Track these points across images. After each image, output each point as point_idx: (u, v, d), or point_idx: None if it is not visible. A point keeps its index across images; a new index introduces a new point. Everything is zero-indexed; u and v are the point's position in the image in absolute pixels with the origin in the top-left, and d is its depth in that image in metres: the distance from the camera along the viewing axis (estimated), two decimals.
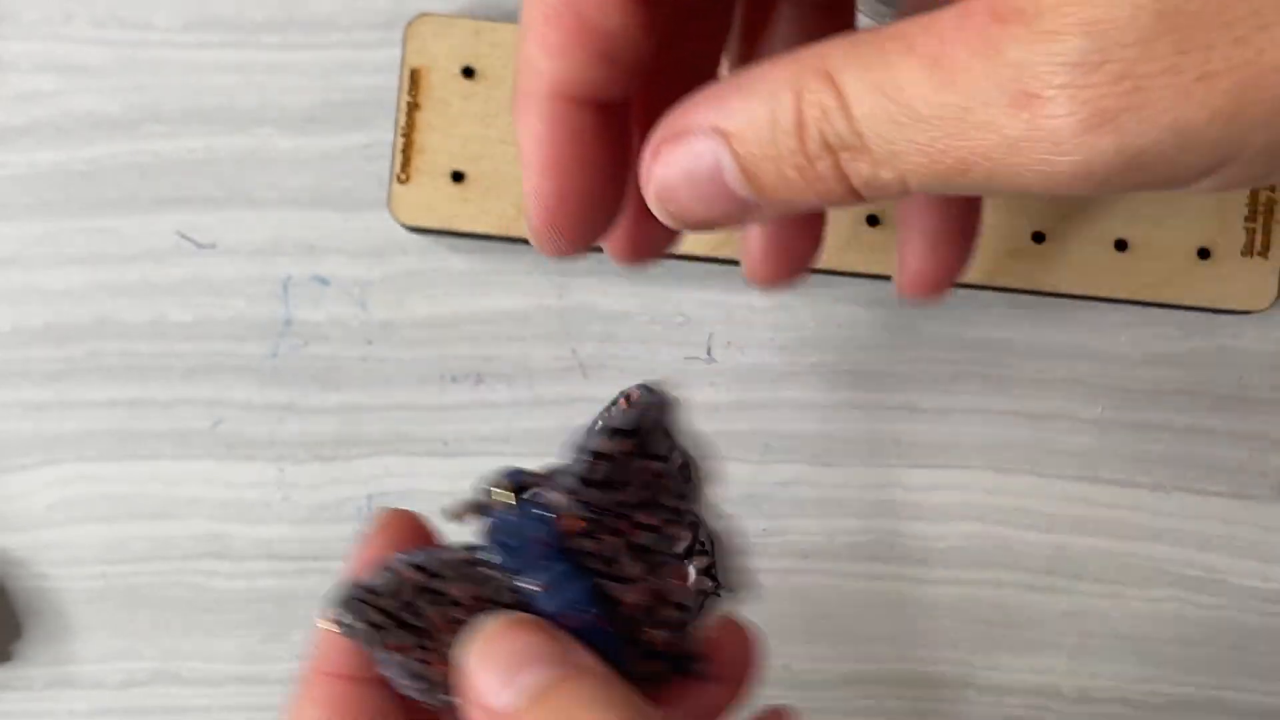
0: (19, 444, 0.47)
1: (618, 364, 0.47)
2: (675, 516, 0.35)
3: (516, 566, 0.33)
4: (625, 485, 0.34)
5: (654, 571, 0.34)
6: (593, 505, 0.34)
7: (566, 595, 0.33)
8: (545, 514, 0.33)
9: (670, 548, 0.35)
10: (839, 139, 0.26)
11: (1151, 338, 0.47)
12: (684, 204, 0.28)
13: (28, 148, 0.47)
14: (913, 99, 0.25)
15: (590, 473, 0.34)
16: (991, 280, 0.45)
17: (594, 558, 0.34)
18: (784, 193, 0.27)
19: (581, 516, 0.34)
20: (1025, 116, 0.24)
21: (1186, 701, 0.48)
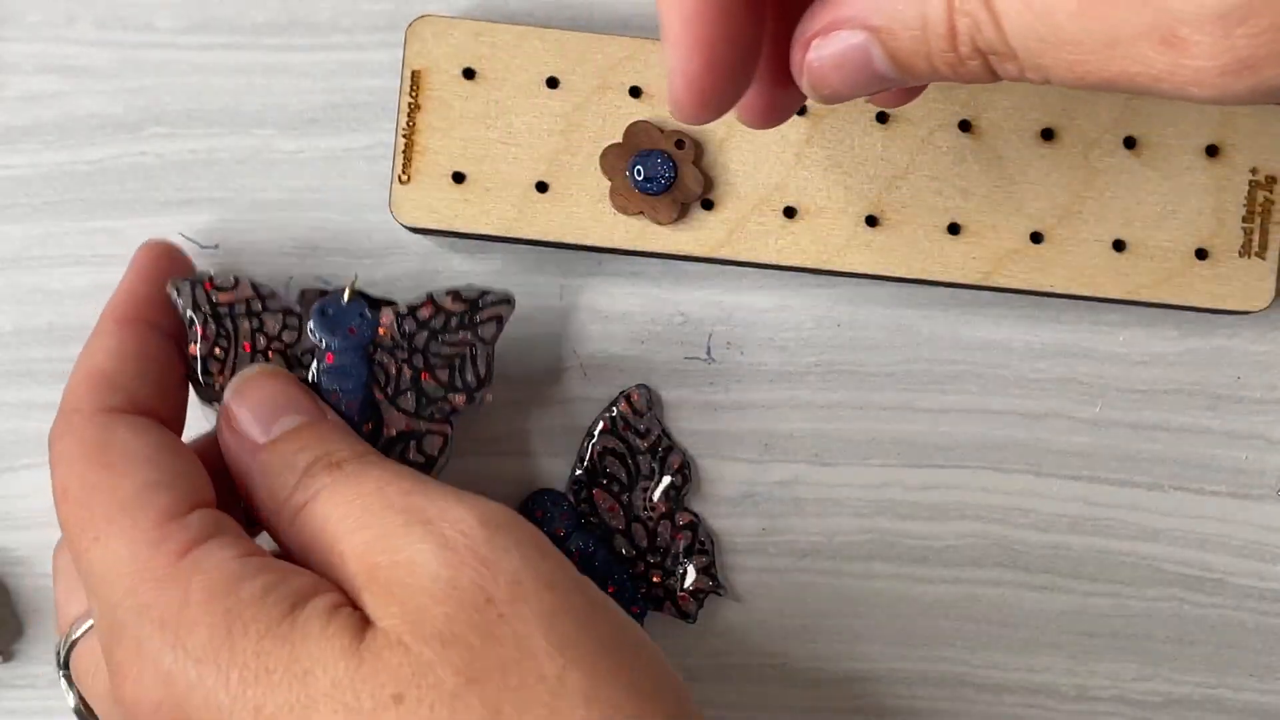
0: (21, 443, 0.47)
1: (618, 364, 0.47)
2: (461, 388, 0.44)
3: (322, 335, 0.43)
4: (440, 337, 0.44)
5: (418, 415, 0.43)
6: (407, 334, 0.43)
7: (344, 378, 0.43)
8: (368, 315, 0.43)
9: (443, 412, 0.44)
10: (989, 46, 0.29)
11: (1149, 338, 0.47)
12: (835, 86, 0.33)
13: (30, 149, 0.47)
14: (1063, 23, 0.28)
15: (419, 311, 0.44)
16: (990, 280, 0.45)
17: (383, 371, 0.43)
18: (931, 76, 0.31)
19: (393, 335, 0.43)
20: (1171, 55, 0.27)
21: (1184, 700, 0.48)
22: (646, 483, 0.46)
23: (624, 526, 0.47)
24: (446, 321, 0.44)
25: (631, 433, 0.46)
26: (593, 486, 0.46)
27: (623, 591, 0.46)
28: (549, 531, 0.46)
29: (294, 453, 0.39)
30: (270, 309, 0.43)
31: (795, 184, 0.45)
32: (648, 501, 0.46)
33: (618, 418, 0.47)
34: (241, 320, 0.43)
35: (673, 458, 0.47)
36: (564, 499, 0.47)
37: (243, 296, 0.43)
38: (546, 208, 0.45)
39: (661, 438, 0.47)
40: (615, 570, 0.46)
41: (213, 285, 0.43)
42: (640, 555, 0.47)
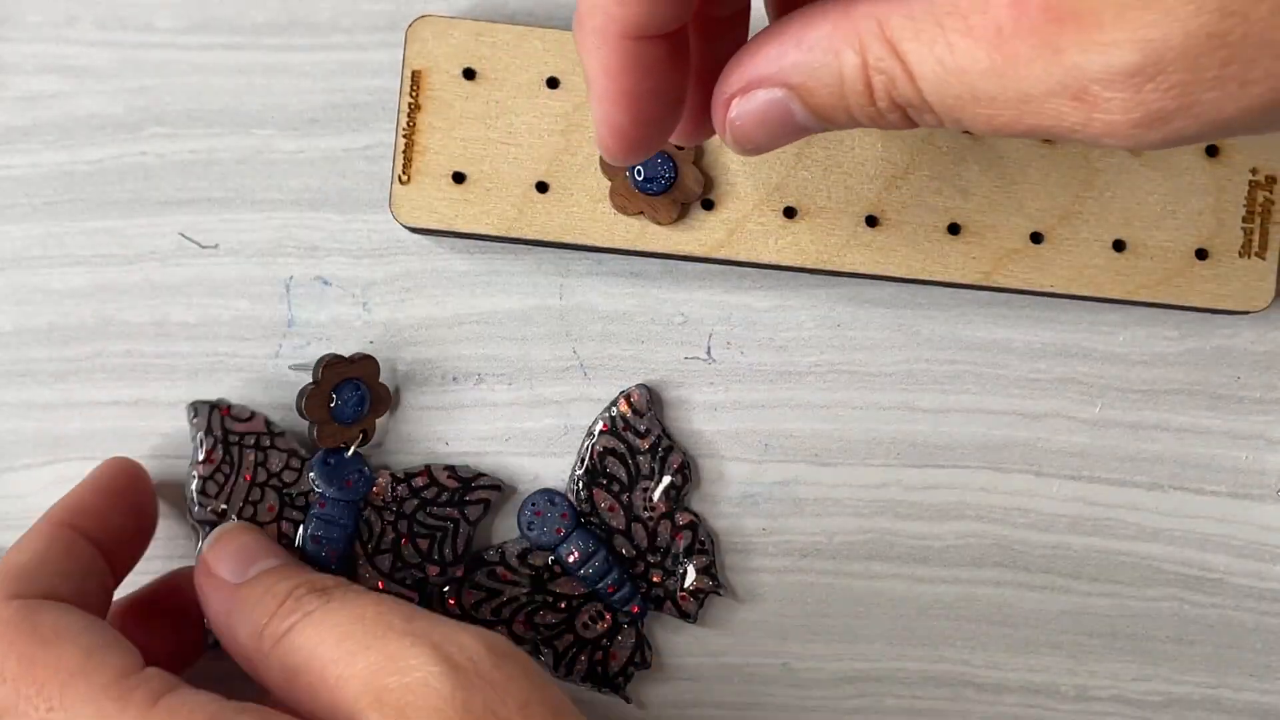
0: (22, 444, 0.47)
1: (618, 364, 0.47)
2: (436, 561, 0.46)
3: (321, 483, 0.45)
4: (428, 508, 0.46)
5: (391, 577, 0.46)
6: (398, 499, 0.46)
7: (332, 528, 0.45)
8: (367, 471, 0.46)
9: (414, 578, 0.46)
10: (906, 100, 0.30)
11: (1149, 338, 0.47)
12: (758, 141, 0.33)
13: (31, 149, 0.47)
14: (975, 81, 0.29)
15: (414, 479, 0.46)
16: (989, 280, 0.45)
17: (368, 529, 0.46)
18: (854, 125, 0.32)
19: (385, 497, 0.46)
20: (1084, 110, 0.28)
21: (1184, 700, 0.48)
22: (646, 483, 0.47)
23: (624, 526, 0.47)
24: (438, 494, 0.46)
25: (631, 433, 0.46)
26: (593, 486, 0.46)
27: (622, 591, 0.46)
28: (548, 531, 0.46)
29: (273, 583, 0.40)
30: (277, 447, 0.45)
31: (795, 184, 0.45)
32: (648, 501, 0.46)
33: (617, 418, 0.47)
34: (248, 452, 0.45)
35: (673, 458, 0.47)
36: (564, 499, 0.47)
37: (254, 430, 0.45)
38: (546, 208, 0.45)
39: (661, 438, 0.47)
40: (615, 570, 0.46)
41: (229, 413, 0.45)
42: (640, 555, 0.47)
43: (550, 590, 0.47)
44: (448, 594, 0.46)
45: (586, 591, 0.47)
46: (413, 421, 0.47)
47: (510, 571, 0.46)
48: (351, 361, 0.45)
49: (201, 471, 0.45)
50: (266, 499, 0.45)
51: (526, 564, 0.47)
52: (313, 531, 0.45)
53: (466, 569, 0.46)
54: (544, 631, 0.47)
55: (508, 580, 0.46)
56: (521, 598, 0.46)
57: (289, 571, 0.41)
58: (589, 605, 0.47)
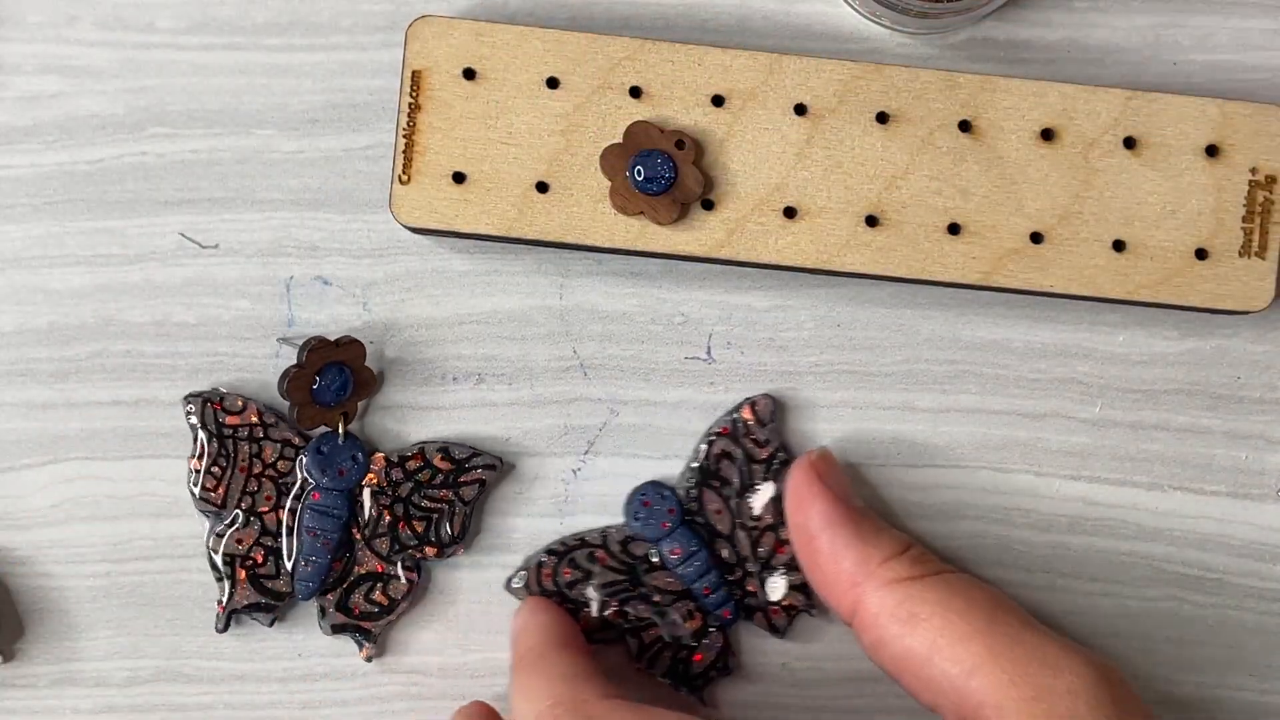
0: (23, 443, 0.47)
1: (618, 364, 0.47)
2: (434, 542, 0.47)
3: (314, 472, 0.46)
4: (423, 491, 0.47)
5: (390, 559, 0.46)
6: (393, 483, 0.46)
7: (326, 518, 0.46)
8: (360, 459, 0.46)
9: (413, 560, 0.47)
10: None
11: (1149, 338, 0.47)
12: None
13: (31, 149, 0.47)
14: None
15: (408, 462, 0.47)
16: (990, 280, 0.45)
17: (364, 512, 0.46)
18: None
19: (380, 481, 0.46)
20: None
21: (1184, 700, 0.48)
22: (757, 491, 0.47)
23: (728, 531, 0.46)
24: (432, 477, 0.46)
25: (751, 441, 0.46)
26: (704, 487, 0.46)
27: (717, 595, 0.46)
28: (654, 524, 0.46)
29: (887, 526, 0.44)
30: (271, 438, 0.46)
31: (795, 184, 0.45)
32: (752, 510, 0.46)
33: (739, 423, 0.46)
34: (243, 444, 0.46)
35: (787, 471, 0.46)
36: (673, 494, 0.47)
37: (248, 421, 0.46)
38: (546, 208, 0.45)
39: (779, 450, 0.47)
40: (713, 572, 0.46)
41: (221, 406, 0.46)
42: (740, 563, 0.47)
43: (645, 582, 0.47)
44: (543, 566, 0.46)
45: (681, 589, 0.47)
46: (413, 421, 0.47)
47: (610, 556, 0.47)
48: (337, 345, 0.45)
49: (197, 466, 0.46)
50: (264, 489, 0.46)
51: (627, 552, 0.47)
52: (308, 524, 0.46)
53: (567, 546, 0.47)
54: (633, 622, 0.47)
55: (605, 565, 0.47)
56: (617, 584, 0.47)
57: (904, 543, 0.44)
58: (681, 603, 0.47)
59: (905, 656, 0.41)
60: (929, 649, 0.41)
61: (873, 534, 0.43)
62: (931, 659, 0.41)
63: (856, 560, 0.42)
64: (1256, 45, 0.47)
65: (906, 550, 0.43)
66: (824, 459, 0.45)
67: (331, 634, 0.47)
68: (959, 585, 0.42)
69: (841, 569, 0.43)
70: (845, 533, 0.43)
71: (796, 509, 0.44)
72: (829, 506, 0.43)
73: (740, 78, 0.45)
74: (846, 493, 0.44)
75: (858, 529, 0.43)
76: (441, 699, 0.48)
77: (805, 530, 0.44)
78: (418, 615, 0.48)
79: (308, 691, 0.48)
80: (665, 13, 0.47)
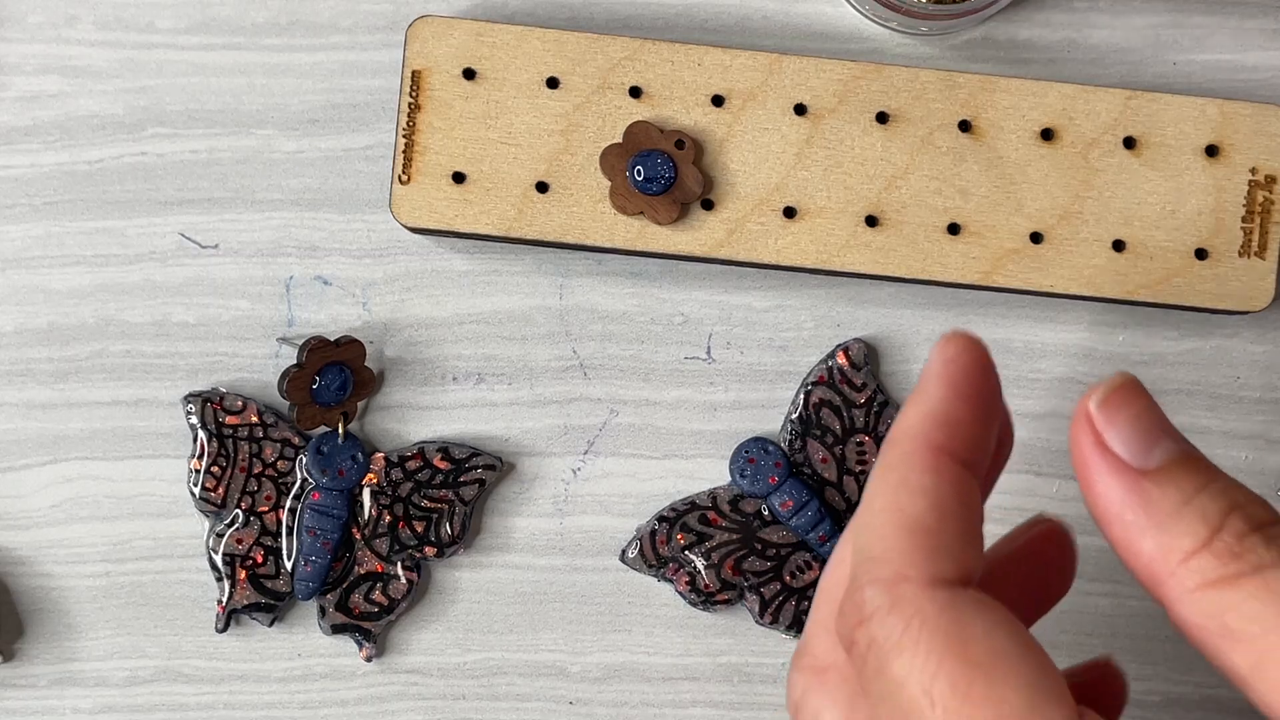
0: (23, 443, 0.47)
1: (618, 364, 0.47)
2: (434, 543, 0.47)
3: (314, 472, 0.46)
4: (423, 491, 0.46)
5: (390, 559, 0.46)
6: (393, 483, 0.46)
7: (325, 519, 0.46)
8: (360, 459, 0.46)
9: (413, 560, 0.47)
10: None
11: (1148, 338, 0.47)
12: None
13: (32, 149, 0.47)
14: None
15: (408, 462, 0.47)
16: (989, 280, 0.45)
17: (364, 512, 0.46)
18: None
19: (380, 482, 0.46)
20: None
21: (1184, 700, 0.48)
22: (861, 436, 0.47)
23: (836, 479, 0.47)
24: (432, 477, 0.46)
25: (849, 386, 0.47)
26: (806, 437, 0.47)
27: (833, 542, 0.46)
28: (762, 480, 0.46)
29: (1198, 496, 0.31)
30: (271, 438, 0.46)
31: (795, 184, 0.45)
32: (860, 455, 0.47)
33: (835, 369, 0.47)
34: (242, 444, 0.46)
35: (887, 413, 0.47)
36: (777, 448, 0.47)
37: (247, 421, 0.46)
38: (546, 208, 0.45)
39: (877, 393, 0.47)
40: (826, 520, 0.46)
41: (221, 406, 0.46)
42: (851, 508, 0.47)
43: (760, 538, 0.47)
44: (656, 534, 0.47)
45: (796, 541, 0.47)
46: (412, 421, 0.47)
47: (721, 517, 0.47)
48: (337, 345, 0.45)
49: (197, 466, 0.46)
50: (264, 489, 0.46)
51: (738, 510, 0.47)
52: (308, 524, 0.46)
53: (677, 512, 0.47)
54: (752, 578, 0.47)
55: (718, 525, 0.47)
56: (732, 543, 0.47)
57: (1210, 478, 0.31)
58: (798, 554, 0.47)
59: (1226, 673, 0.31)
60: (1250, 672, 0.30)
61: (1172, 514, 0.31)
62: (1251, 684, 0.30)
63: (1154, 556, 0.31)
64: (1256, 45, 0.47)
65: (1216, 535, 0.31)
66: (1106, 404, 0.32)
67: (331, 634, 0.47)
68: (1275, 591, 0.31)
69: (1140, 565, 0.32)
70: (1136, 517, 0.31)
71: (1081, 486, 0.33)
72: (1110, 483, 0.32)
73: (740, 77, 0.45)
74: (1145, 442, 0.32)
75: (1149, 509, 0.31)
76: (441, 699, 0.48)
77: (1093, 513, 0.33)
78: (417, 615, 0.48)
79: (307, 691, 0.48)
80: (665, 13, 0.47)
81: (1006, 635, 0.30)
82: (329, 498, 0.46)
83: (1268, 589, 0.30)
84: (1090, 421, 0.32)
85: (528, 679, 0.48)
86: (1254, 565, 0.31)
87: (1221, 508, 0.31)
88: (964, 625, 0.30)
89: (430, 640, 0.48)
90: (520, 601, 0.48)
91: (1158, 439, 0.32)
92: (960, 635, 0.30)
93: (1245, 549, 0.31)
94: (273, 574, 0.46)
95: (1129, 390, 0.32)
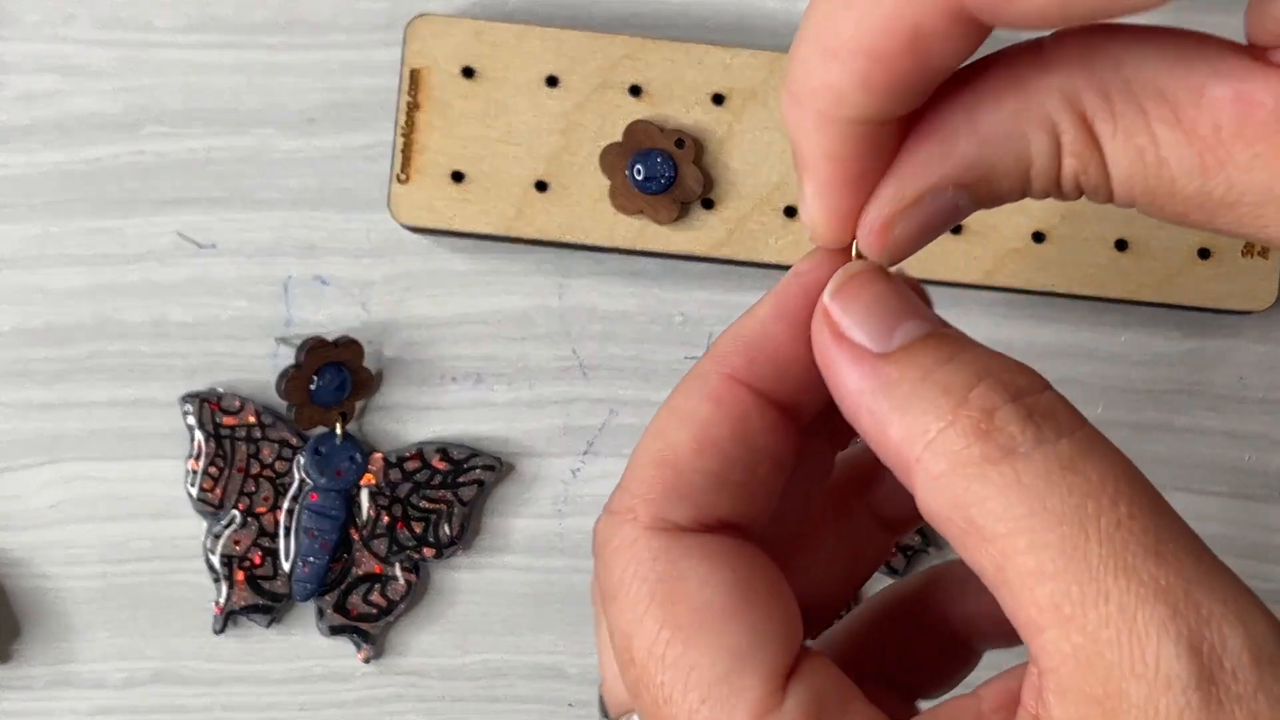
0: (20, 444, 0.47)
1: (618, 364, 0.47)
2: (433, 544, 0.47)
3: (312, 473, 0.46)
4: (421, 491, 0.46)
5: (388, 560, 0.47)
6: (391, 483, 0.46)
7: (323, 520, 0.46)
8: (358, 459, 0.46)
9: (411, 561, 0.47)
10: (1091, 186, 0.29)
11: (1151, 338, 0.47)
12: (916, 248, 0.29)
13: (29, 148, 0.47)
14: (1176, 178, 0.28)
15: (406, 463, 0.47)
16: (991, 280, 0.45)
17: (362, 513, 0.46)
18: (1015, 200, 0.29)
19: (378, 483, 0.46)
20: None
21: None
22: None
23: None
24: (430, 477, 0.46)
25: None
26: None
27: None
28: None
29: (942, 369, 0.27)
30: (269, 438, 0.46)
31: (795, 183, 0.45)
32: None
33: None
34: (240, 444, 0.46)
35: None
36: None
37: (245, 421, 0.46)
38: (546, 207, 0.45)
39: None
40: None
41: (219, 406, 0.46)
42: None
43: None
44: None
45: None
46: (411, 421, 0.47)
47: None
48: (336, 345, 0.45)
49: (195, 466, 0.46)
50: (262, 490, 0.46)
51: None
52: (306, 525, 0.46)
53: None
54: None
55: None
56: None
57: (957, 349, 0.28)
58: None
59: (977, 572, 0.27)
60: (995, 574, 0.26)
61: (911, 392, 0.27)
62: (996, 588, 0.27)
63: (900, 442, 0.27)
64: None
65: (962, 409, 0.27)
66: (840, 292, 0.29)
67: (329, 635, 0.47)
68: (1045, 472, 0.27)
69: (889, 457, 0.28)
70: (877, 404, 0.28)
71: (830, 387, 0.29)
72: (851, 372, 0.28)
73: (741, 76, 0.45)
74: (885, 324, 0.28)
75: (890, 393, 0.27)
76: (440, 701, 0.47)
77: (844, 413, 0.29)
78: (416, 616, 0.47)
79: (305, 693, 0.47)
80: (665, 11, 0.47)
81: (722, 591, 0.28)
82: (327, 498, 0.46)
83: (1017, 480, 0.26)
84: (827, 314, 0.28)
85: (527, 681, 0.48)
86: (1003, 448, 0.27)
87: (967, 378, 0.27)
88: (676, 578, 0.28)
89: (429, 642, 0.48)
90: (520, 603, 0.48)
91: (900, 320, 0.28)
92: (668, 589, 0.28)
93: (995, 425, 0.27)
94: (270, 575, 0.46)
95: (866, 275, 0.29)
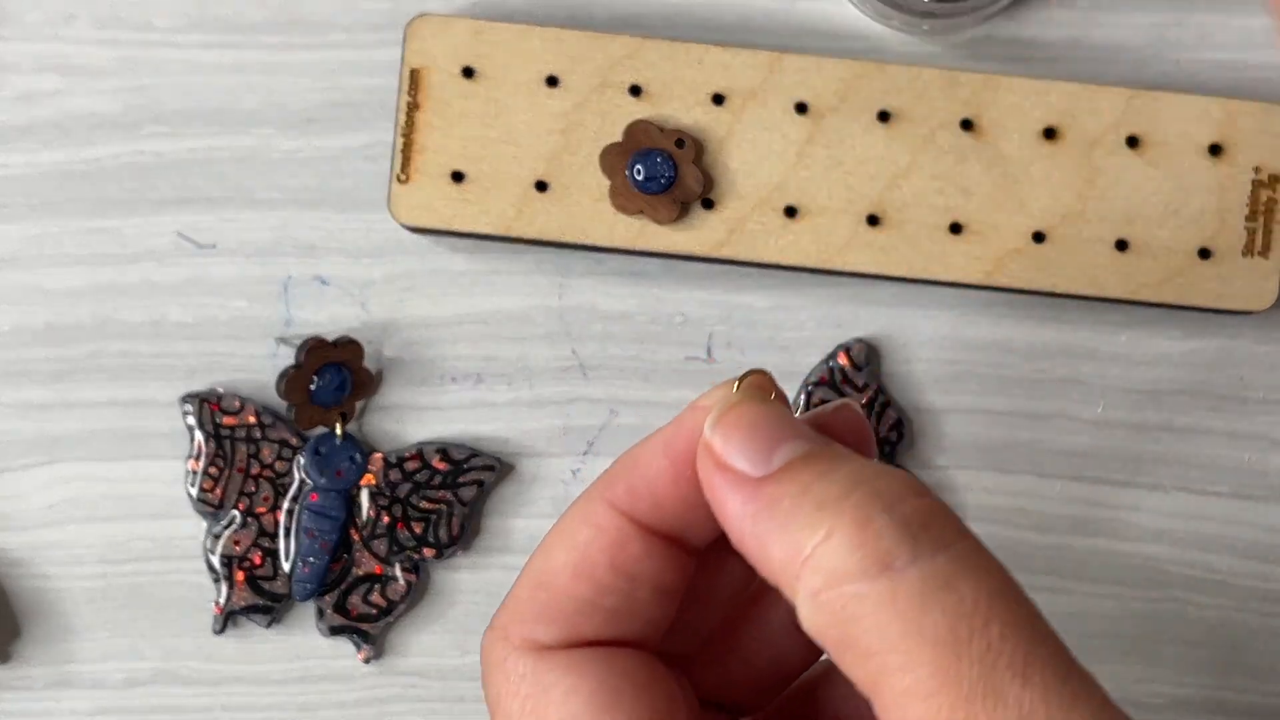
0: (19, 444, 0.47)
1: (618, 364, 0.47)
2: (433, 544, 0.47)
3: (311, 473, 0.46)
4: (421, 491, 0.46)
5: (389, 560, 0.46)
6: (391, 484, 0.46)
7: (323, 520, 0.46)
8: (358, 460, 0.46)
9: (411, 561, 0.47)
10: None
11: (1152, 338, 0.47)
12: None
13: (29, 148, 0.47)
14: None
15: (406, 463, 0.46)
16: (991, 280, 0.45)
17: (362, 513, 0.46)
18: None
19: (378, 483, 0.46)
20: None
21: (1186, 702, 0.48)
22: None
23: None
24: (430, 478, 0.46)
25: (850, 386, 0.46)
26: None
27: None
28: None
29: (816, 486, 0.28)
30: (269, 438, 0.46)
31: (796, 183, 0.45)
32: None
33: (836, 370, 0.46)
34: (240, 445, 0.46)
35: (888, 414, 0.46)
36: None
37: (245, 422, 0.46)
38: (546, 207, 0.45)
39: (879, 394, 0.46)
40: None
41: (219, 406, 0.46)
42: None
43: None
44: None
45: None
46: (411, 422, 0.47)
47: None
48: (335, 345, 0.45)
49: (195, 466, 0.46)
50: (262, 490, 0.46)
51: None
52: (306, 525, 0.46)
53: None
54: None
55: None
56: None
57: (834, 463, 0.28)
58: None
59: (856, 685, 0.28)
60: (871, 689, 0.27)
61: (790, 510, 0.28)
62: (872, 702, 0.27)
63: (782, 561, 0.28)
64: (1260, 43, 0.47)
65: (836, 523, 0.27)
66: (720, 423, 0.30)
67: (329, 636, 0.47)
68: (920, 592, 0.26)
69: (773, 576, 0.28)
70: (758, 525, 0.28)
71: (718, 518, 0.30)
72: (734, 498, 0.29)
73: (741, 76, 0.45)
74: (764, 449, 0.29)
75: (771, 512, 0.28)
76: (440, 701, 0.47)
77: (732, 541, 0.30)
78: (416, 617, 0.47)
79: (305, 694, 0.47)
80: (665, 11, 0.47)
81: (585, 700, 0.30)
82: (327, 499, 0.46)
83: (894, 599, 0.26)
84: (708, 446, 0.29)
85: None
86: (880, 562, 0.26)
87: (843, 489, 0.27)
88: (541, 693, 0.30)
89: (429, 642, 0.48)
90: None
91: (779, 443, 0.29)
92: (535, 705, 0.30)
93: (870, 537, 0.26)
94: (270, 575, 0.46)
95: (743, 403, 0.30)
